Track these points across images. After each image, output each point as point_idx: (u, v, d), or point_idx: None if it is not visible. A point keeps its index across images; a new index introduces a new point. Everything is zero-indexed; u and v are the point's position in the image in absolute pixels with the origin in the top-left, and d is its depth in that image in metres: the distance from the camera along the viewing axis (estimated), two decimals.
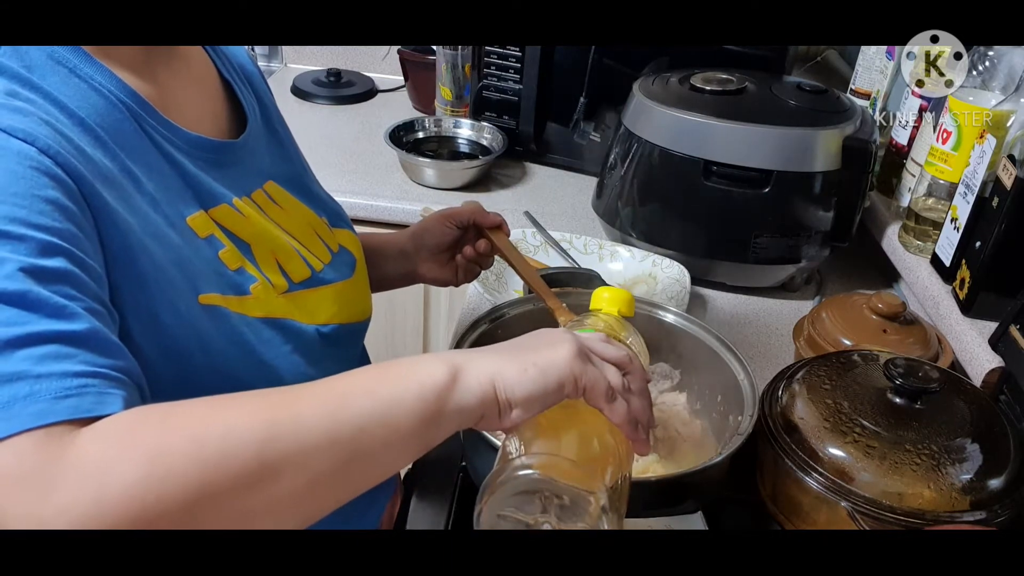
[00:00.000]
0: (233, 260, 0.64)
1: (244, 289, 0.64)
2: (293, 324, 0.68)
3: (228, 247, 0.64)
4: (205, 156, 0.65)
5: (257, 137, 0.73)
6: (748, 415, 0.74)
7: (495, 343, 0.55)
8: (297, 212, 0.75)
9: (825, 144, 1.09)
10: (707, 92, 1.14)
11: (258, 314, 0.64)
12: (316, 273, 0.73)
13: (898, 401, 0.74)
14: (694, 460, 0.78)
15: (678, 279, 1.13)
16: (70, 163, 0.51)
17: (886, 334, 0.93)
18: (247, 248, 0.66)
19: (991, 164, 0.96)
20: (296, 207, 0.75)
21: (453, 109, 1.58)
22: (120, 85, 0.59)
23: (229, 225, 0.65)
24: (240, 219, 0.66)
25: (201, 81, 0.70)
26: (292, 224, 0.73)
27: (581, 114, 1.41)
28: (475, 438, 0.73)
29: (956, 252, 1.01)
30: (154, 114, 0.61)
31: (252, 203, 0.69)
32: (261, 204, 0.70)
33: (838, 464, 0.71)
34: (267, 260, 0.67)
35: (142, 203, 0.57)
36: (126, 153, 0.58)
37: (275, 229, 0.70)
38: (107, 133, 0.57)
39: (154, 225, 0.57)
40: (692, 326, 0.85)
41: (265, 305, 0.65)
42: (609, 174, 1.23)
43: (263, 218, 0.69)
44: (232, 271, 0.63)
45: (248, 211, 0.67)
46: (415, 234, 0.95)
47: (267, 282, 0.66)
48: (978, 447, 0.72)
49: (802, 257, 1.15)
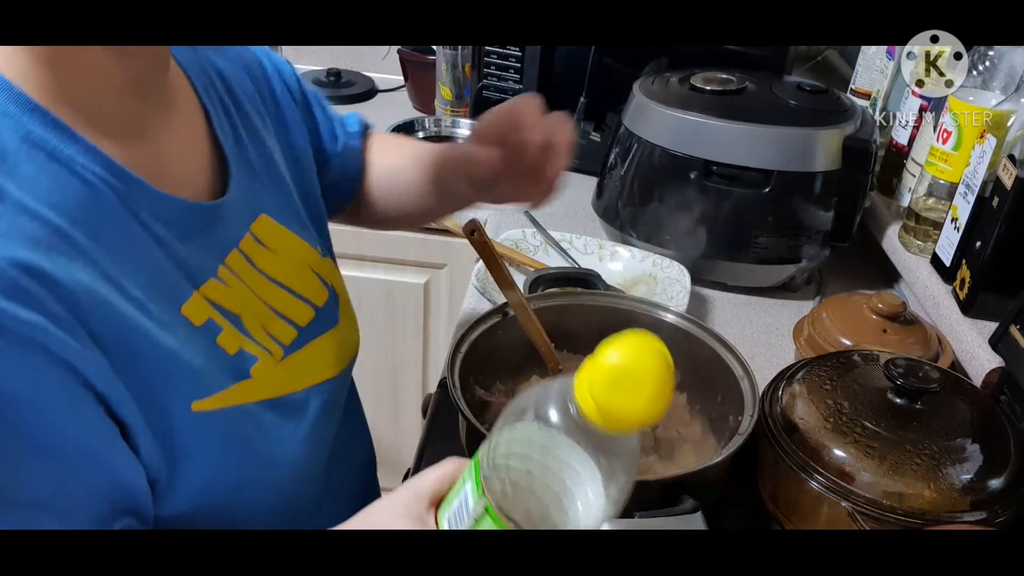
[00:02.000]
0: (232, 343, 0.61)
1: (245, 373, 0.61)
2: (292, 399, 0.66)
3: (226, 328, 0.61)
4: (192, 224, 0.60)
5: (245, 180, 0.68)
6: (748, 415, 0.74)
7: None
8: (290, 249, 0.71)
9: (825, 144, 1.09)
10: (707, 92, 1.14)
11: (259, 397, 0.62)
12: (306, 326, 0.70)
13: (898, 401, 0.74)
14: (694, 460, 0.78)
15: (678, 279, 1.13)
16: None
17: (886, 334, 0.93)
18: (238, 320, 0.62)
19: (991, 164, 0.96)
20: (289, 242, 0.71)
21: (453, 109, 1.58)
22: (104, 162, 0.54)
23: (218, 300, 0.61)
24: (226, 290, 0.62)
25: (189, 126, 0.65)
26: (284, 267, 0.69)
27: (581, 114, 1.41)
28: (475, 438, 0.73)
29: (956, 252, 1.01)
30: (142, 188, 0.56)
31: (239, 259, 0.65)
32: (249, 254, 0.66)
33: (838, 464, 0.71)
34: (257, 329, 0.64)
35: (128, 311, 0.52)
36: (109, 251, 0.53)
37: (262, 283, 0.66)
38: (87, 232, 0.51)
39: (141, 336, 0.53)
40: (692, 326, 0.85)
41: (265, 385, 0.63)
42: (609, 174, 1.23)
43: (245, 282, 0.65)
44: (232, 355, 0.61)
45: (230, 277, 0.63)
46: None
47: (266, 354, 0.64)
48: (978, 447, 0.72)
49: (802, 257, 1.15)
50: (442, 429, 0.91)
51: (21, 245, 0.47)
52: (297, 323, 0.69)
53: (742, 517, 0.81)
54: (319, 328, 0.71)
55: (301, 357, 0.69)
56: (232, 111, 0.70)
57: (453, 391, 0.74)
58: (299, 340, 0.69)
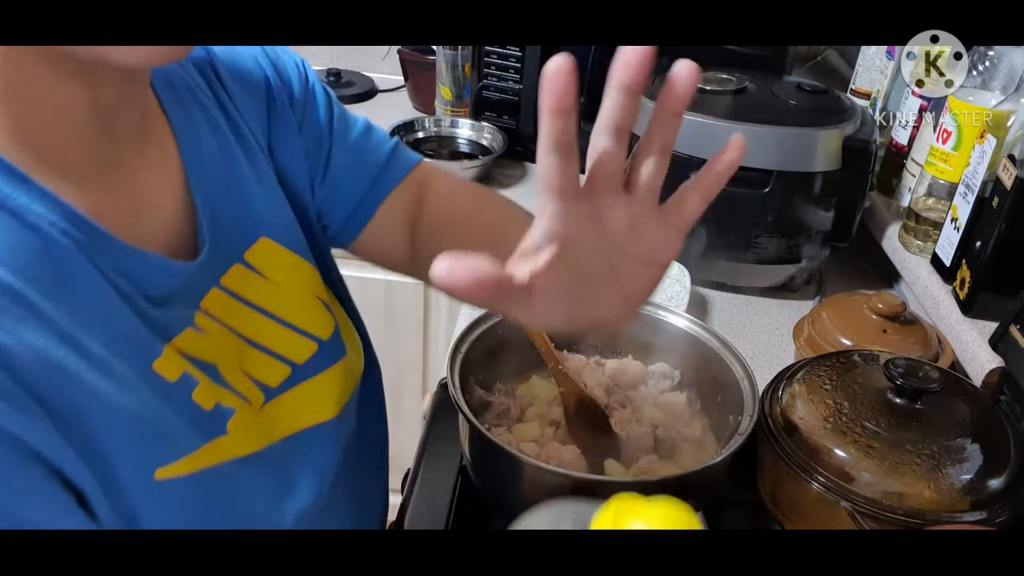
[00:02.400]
0: (208, 397, 0.57)
1: (221, 428, 0.57)
2: (272, 451, 0.61)
3: (202, 382, 0.56)
4: (161, 283, 0.55)
5: (234, 210, 0.63)
6: (748, 415, 0.74)
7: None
8: (292, 275, 0.66)
9: (825, 144, 1.09)
10: (707, 92, 1.14)
11: (235, 454, 0.58)
12: (299, 366, 0.65)
13: (898, 401, 0.74)
14: (694, 460, 0.78)
15: (678, 279, 1.13)
16: None
17: (886, 334, 0.93)
18: (213, 369, 0.58)
19: (991, 164, 0.96)
20: (290, 267, 0.66)
21: (453, 109, 1.57)
22: (63, 211, 0.49)
23: (193, 351, 0.56)
24: (201, 338, 0.57)
25: (164, 161, 0.59)
26: (282, 298, 0.64)
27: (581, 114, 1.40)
28: (475, 438, 0.74)
29: (956, 252, 1.01)
30: (105, 240, 0.51)
31: (220, 297, 0.60)
32: (237, 287, 0.61)
33: (838, 464, 0.71)
34: (235, 375, 0.60)
35: (86, 375, 0.48)
36: (68, 307, 0.48)
37: (252, 319, 0.62)
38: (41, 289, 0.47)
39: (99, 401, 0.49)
40: (692, 326, 0.85)
41: (242, 440, 0.59)
42: None
43: (227, 321, 0.60)
44: (208, 411, 0.56)
45: (207, 323, 0.58)
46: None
47: (244, 404, 0.60)
48: (978, 447, 0.72)
49: (802, 257, 1.15)
50: (442, 429, 0.91)
51: None
52: (293, 360, 0.65)
53: (742, 517, 0.81)
54: (322, 363, 0.67)
55: (291, 399, 0.64)
56: (220, 129, 0.64)
57: (453, 391, 0.74)
58: (293, 379, 0.64)
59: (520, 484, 0.73)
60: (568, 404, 0.79)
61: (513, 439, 0.79)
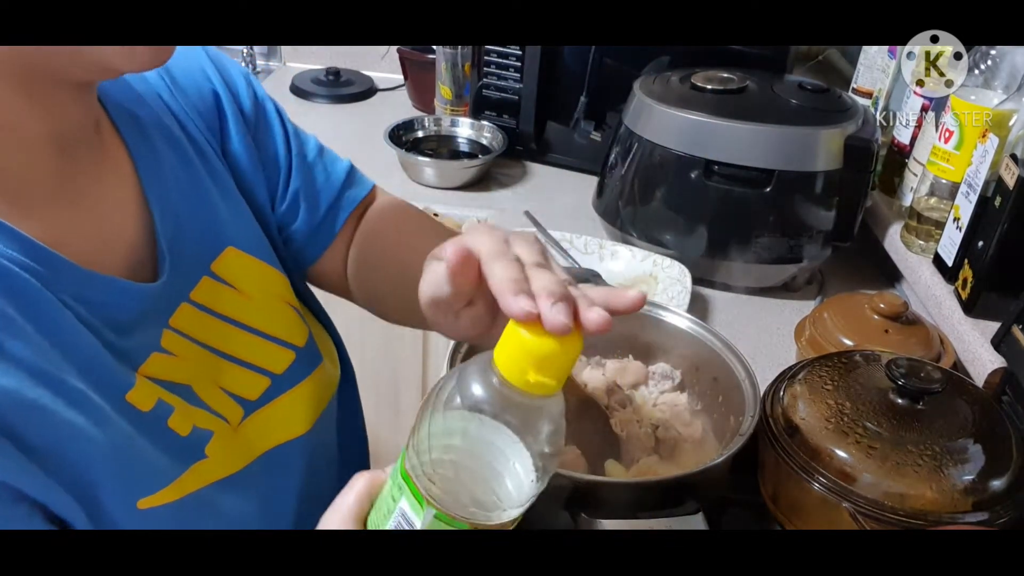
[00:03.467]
0: (184, 423, 0.56)
1: (200, 453, 0.57)
2: (250, 471, 0.61)
3: (176, 407, 0.55)
4: (123, 306, 0.54)
5: (197, 222, 0.61)
6: (749, 416, 0.74)
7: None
8: (262, 284, 0.65)
9: (827, 143, 1.09)
10: (708, 91, 1.14)
11: (215, 478, 0.58)
12: (279, 376, 0.64)
13: (900, 402, 0.74)
14: (695, 461, 0.78)
15: (678, 279, 1.13)
16: None
17: (888, 334, 0.93)
18: (188, 391, 0.57)
19: (993, 164, 0.95)
20: (260, 276, 0.65)
21: (453, 108, 1.57)
22: (20, 242, 0.48)
23: (163, 375, 0.56)
24: (170, 361, 0.57)
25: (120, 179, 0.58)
26: (254, 308, 0.63)
27: (581, 113, 1.40)
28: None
29: (958, 252, 1.00)
30: (64, 267, 0.50)
31: (189, 312, 0.59)
32: (207, 300, 0.60)
33: (840, 465, 0.71)
34: (211, 394, 0.59)
35: (63, 412, 0.47)
36: (43, 341, 0.47)
37: (225, 332, 0.61)
38: (7, 327, 0.46)
39: (79, 437, 0.48)
40: (693, 326, 0.85)
41: (222, 462, 0.58)
42: (609, 174, 1.23)
43: (199, 337, 0.59)
44: (185, 436, 0.56)
45: (177, 342, 0.57)
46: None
47: (222, 423, 0.59)
48: (980, 448, 0.72)
49: (803, 257, 1.15)
50: None
51: None
52: (271, 370, 0.64)
53: (743, 518, 0.81)
54: (301, 372, 0.66)
55: (269, 413, 0.63)
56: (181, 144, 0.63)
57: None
58: (272, 390, 0.64)
59: None
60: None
61: None
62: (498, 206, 1.40)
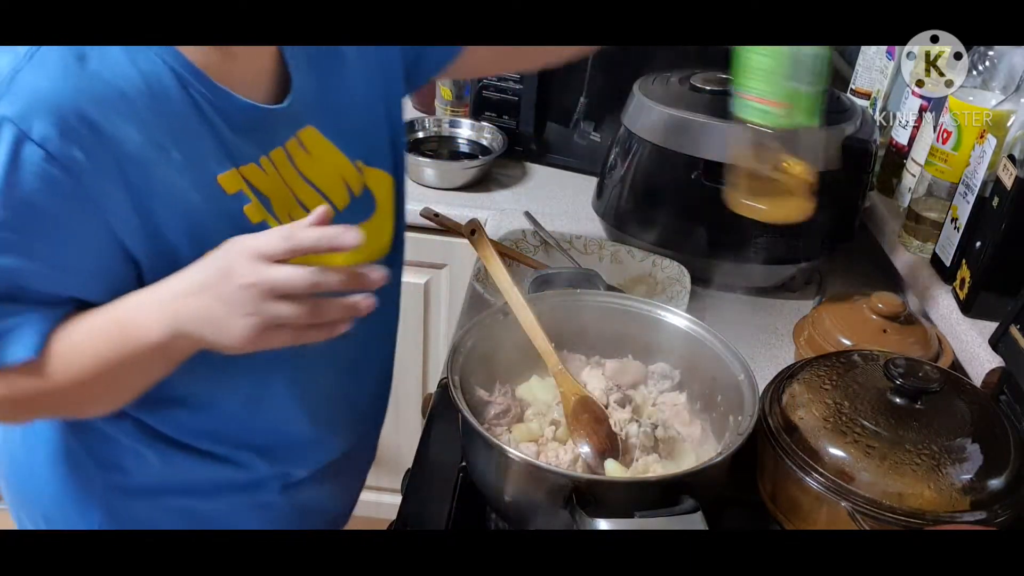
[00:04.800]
0: (256, 214, 0.71)
1: None
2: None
3: (253, 202, 0.70)
4: (244, 120, 0.70)
5: (305, 94, 0.76)
6: (748, 415, 0.74)
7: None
8: (325, 158, 0.78)
9: (825, 144, 1.09)
10: (707, 92, 1.14)
11: None
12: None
13: (898, 401, 0.74)
14: (694, 460, 0.78)
15: (678, 279, 1.13)
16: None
17: (886, 334, 0.93)
18: (267, 201, 0.72)
19: (991, 164, 0.96)
20: (326, 153, 0.79)
21: (453, 109, 1.57)
22: (177, 58, 0.65)
23: (254, 181, 0.71)
24: (263, 175, 0.72)
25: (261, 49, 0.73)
26: (318, 170, 0.77)
27: (581, 114, 1.41)
28: (474, 438, 0.74)
29: (956, 252, 1.01)
30: (204, 81, 0.66)
31: (281, 156, 0.74)
32: (292, 154, 0.75)
33: (838, 464, 0.71)
34: (283, 212, 0.73)
35: (166, 169, 0.65)
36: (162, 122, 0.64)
37: (296, 179, 0.75)
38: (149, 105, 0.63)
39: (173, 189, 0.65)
40: (692, 326, 0.85)
41: None
42: (609, 174, 1.23)
43: (281, 175, 0.74)
44: (254, 224, 0.70)
45: (269, 168, 0.73)
46: None
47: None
48: (978, 447, 0.72)
49: (802, 257, 1.15)
50: (442, 429, 0.91)
51: (87, 101, 0.60)
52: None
53: (742, 517, 0.81)
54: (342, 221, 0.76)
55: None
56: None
57: (453, 391, 0.74)
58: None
59: (519, 484, 0.73)
60: (568, 404, 0.79)
61: (513, 439, 0.79)
62: (498, 206, 1.40)
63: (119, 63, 0.62)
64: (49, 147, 0.59)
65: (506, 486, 0.74)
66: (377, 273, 0.62)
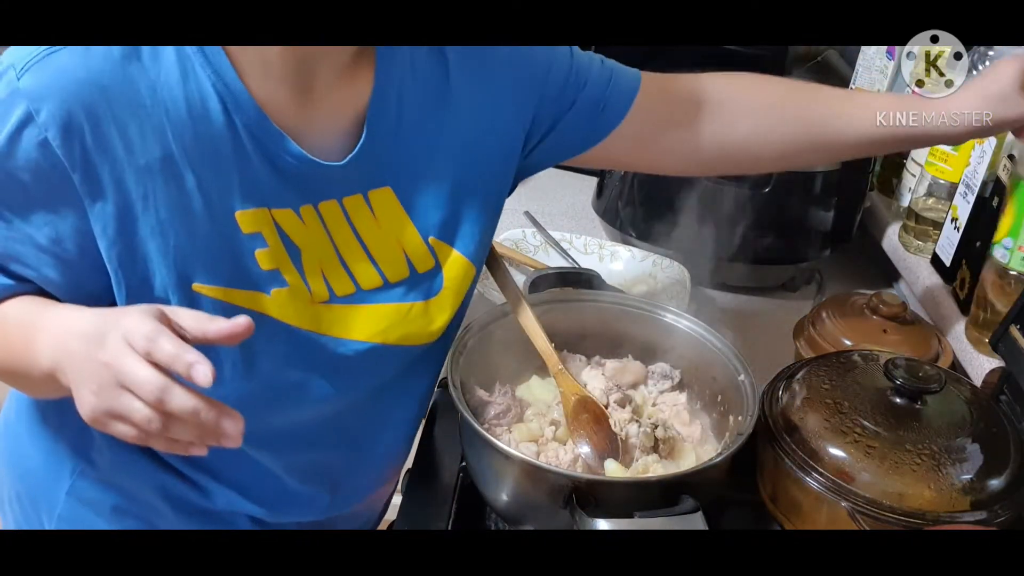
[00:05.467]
0: (269, 261, 0.67)
1: (264, 288, 0.67)
2: (318, 338, 0.71)
3: (271, 247, 0.67)
4: (291, 168, 0.66)
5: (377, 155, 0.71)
6: (748, 415, 0.74)
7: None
8: (393, 224, 0.73)
9: None
10: None
11: (267, 312, 0.68)
12: (361, 291, 0.73)
13: (898, 401, 0.74)
14: (694, 460, 0.78)
15: (678, 279, 1.13)
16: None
17: (886, 334, 0.93)
18: (297, 252, 0.68)
19: (991, 164, 0.96)
20: (396, 219, 0.73)
21: None
22: (230, 84, 0.63)
23: (287, 228, 0.68)
24: (300, 226, 0.68)
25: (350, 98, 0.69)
26: (377, 236, 0.73)
27: None
28: (474, 438, 0.74)
29: (956, 252, 1.00)
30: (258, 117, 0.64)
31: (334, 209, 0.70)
32: (350, 210, 0.71)
33: (838, 464, 0.71)
34: (313, 268, 0.70)
35: (174, 192, 0.63)
36: (189, 141, 0.62)
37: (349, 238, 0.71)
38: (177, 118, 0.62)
39: (177, 214, 0.63)
40: (692, 326, 0.85)
41: (282, 308, 0.68)
42: (609, 174, 1.23)
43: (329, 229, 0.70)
44: (263, 271, 0.67)
45: (313, 219, 0.69)
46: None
47: (304, 290, 0.69)
48: (978, 447, 0.72)
49: (802, 257, 1.15)
50: (442, 429, 0.91)
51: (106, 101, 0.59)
52: (360, 284, 0.73)
53: (742, 517, 0.81)
54: (381, 298, 0.74)
55: (347, 310, 0.72)
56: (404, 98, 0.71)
57: (453, 391, 0.74)
58: (354, 297, 0.72)
59: (519, 484, 0.73)
60: (568, 404, 0.79)
61: (513, 439, 0.79)
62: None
63: (166, 72, 0.61)
64: (48, 135, 0.59)
65: (506, 486, 0.74)
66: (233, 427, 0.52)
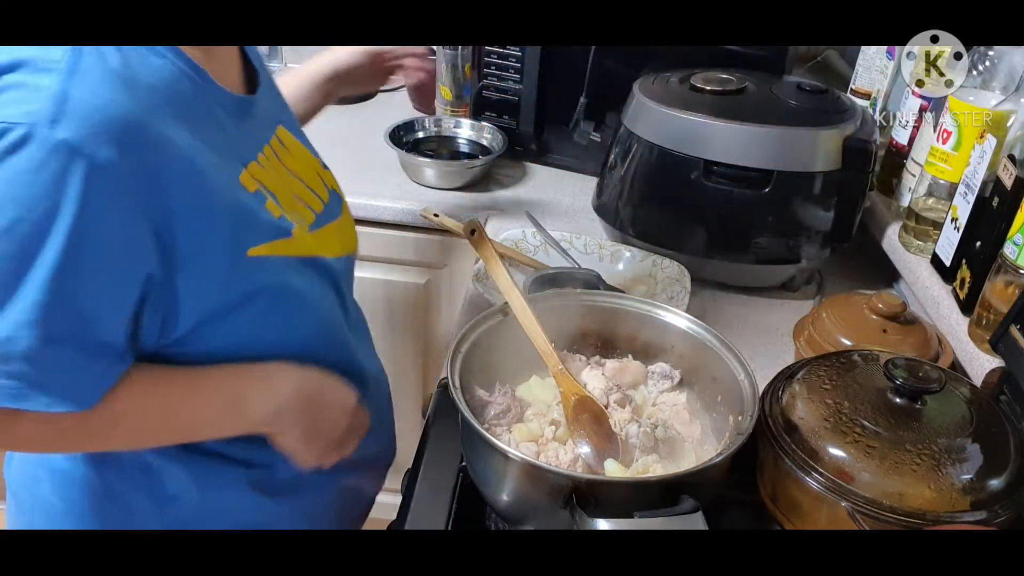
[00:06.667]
0: (275, 209, 0.74)
1: (287, 232, 0.75)
2: (322, 260, 0.81)
3: (268, 198, 0.74)
4: (239, 114, 0.73)
5: (266, 87, 0.81)
6: (748, 415, 0.74)
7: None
8: (301, 154, 0.84)
9: (825, 144, 1.09)
10: (707, 92, 1.14)
11: (300, 253, 0.77)
12: (319, 213, 0.82)
13: (898, 401, 0.74)
14: (694, 460, 0.78)
15: (678, 279, 1.13)
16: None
17: (886, 334, 0.93)
18: (275, 196, 0.75)
19: (991, 164, 0.96)
20: (300, 149, 0.84)
21: (453, 109, 1.57)
22: (181, 57, 0.67)
23: (261, 178, 0.74)
24: (264, 172, 0.75)
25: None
26: (299, 167, 0.82)
27: (581, 114, 1.40)
28: (474, 438, 0.74)
29: (956, 252, 1.01)
30: (207, 79, 0.69)
31: (270, 152, 0.78)
32: (276, 151, 0.79)
33: (838, 464, 0.71)
34: (289, 205, 0.77)
35: (209, 170, 0.66)
36: (197, 124, 0.67)
37: (287, 175, 0.79)
38: (183, 104, 0.66)
39: (214, 186, 0.67)
40: (692, 326, 0.85)
41: (302, 244, 0.77)
42: (609, 174, 1.23)
43: (280, 166, 0.78)
44: (276, 218, 0.74)
45: (267, 163, 0.76)
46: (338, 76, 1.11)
47: (300, 223, 0.78)
48: (978, 447, 0.72)
49: (802, 257, 1.15)
50: (442, 429, 0.91)
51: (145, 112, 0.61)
52: (313, 209, 0.82)
53: (742, 517, 0.81)
54: (327, 218, 0.85)
55: (322, 232, 0.82)
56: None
57: (453, 391, 0.74)
58: (316, 222, 0.82)
59: (519, 484, 0.73)
60: (568, 404, 0.79)
61: (513, 439, 0.79)
62: (498, 207, 1.40)
63: (153, 65, 0.64)
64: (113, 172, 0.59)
65: (506, 486, 0.74)
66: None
